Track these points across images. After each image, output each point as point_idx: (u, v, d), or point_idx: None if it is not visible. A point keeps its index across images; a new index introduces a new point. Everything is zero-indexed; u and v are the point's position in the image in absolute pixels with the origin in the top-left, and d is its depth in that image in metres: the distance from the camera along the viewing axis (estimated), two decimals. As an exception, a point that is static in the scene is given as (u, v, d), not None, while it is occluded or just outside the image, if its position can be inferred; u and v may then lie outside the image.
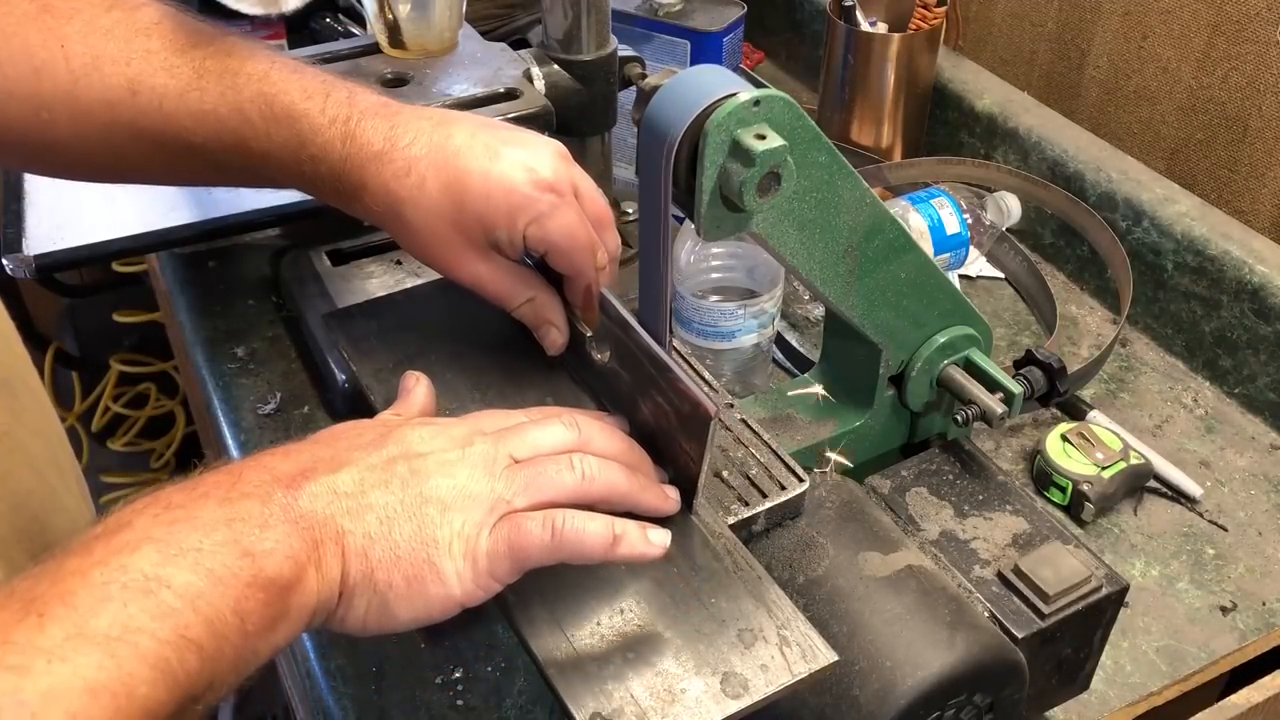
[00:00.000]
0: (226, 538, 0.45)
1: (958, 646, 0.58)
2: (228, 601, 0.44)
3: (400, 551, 0.50)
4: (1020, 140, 1.11)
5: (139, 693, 0.40)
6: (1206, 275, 0.96)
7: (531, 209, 0.63)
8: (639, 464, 0.58)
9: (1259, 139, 0.99)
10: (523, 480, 0.52)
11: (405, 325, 0.71)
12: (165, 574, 0.43)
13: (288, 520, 0.47)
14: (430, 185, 0.63)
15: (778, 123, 0.57)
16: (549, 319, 0.67)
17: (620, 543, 0.52)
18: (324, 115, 0.65)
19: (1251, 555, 0.83)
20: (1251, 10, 0.96)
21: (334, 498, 0.49)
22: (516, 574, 0.52)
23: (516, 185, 0.63)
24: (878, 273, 0.67)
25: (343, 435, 0.53)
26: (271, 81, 0.65)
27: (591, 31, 0.89)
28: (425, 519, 0.50)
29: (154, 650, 0.41)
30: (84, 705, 0.39)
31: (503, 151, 0.64)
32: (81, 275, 2.02)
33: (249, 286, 1.02)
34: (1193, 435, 0.93)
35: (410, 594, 0.50)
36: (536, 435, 0.55)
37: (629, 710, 0.50)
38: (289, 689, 1.00)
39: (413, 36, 0.92)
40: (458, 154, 0.64)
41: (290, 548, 0.47)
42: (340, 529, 0.49)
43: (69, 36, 0.64)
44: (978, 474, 0.71)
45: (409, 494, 0.51)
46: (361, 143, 0.64)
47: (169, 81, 0.65)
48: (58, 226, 0.89)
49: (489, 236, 0.64)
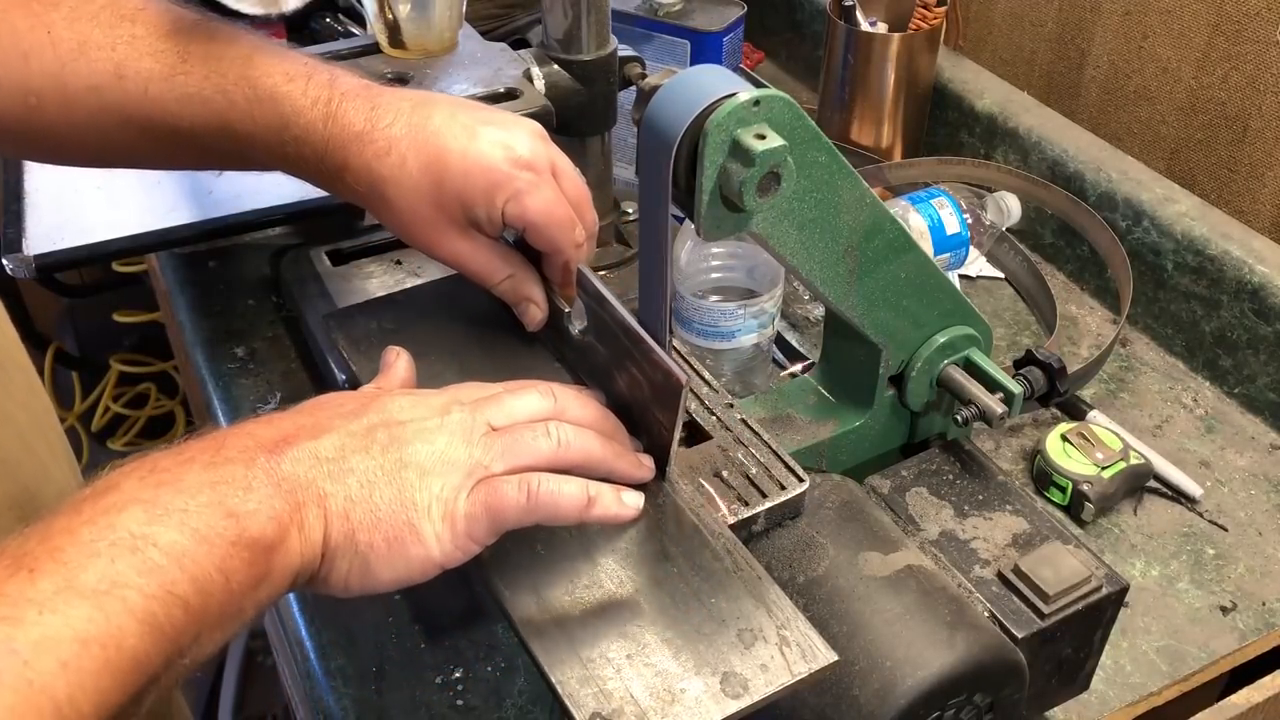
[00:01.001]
0: (211, 499, 0.46)
1: (958, 646, 0.58)
2: (213, 560, 0.45)
3: (381, 514, 0.51)
4: (1020, 140, 1.11)
5: (127, 644, 0.42)
6: (1206, 275, 0.96)
7: (509, 186, 0.65)
8: (613, 432, 0.60)
9: (1259, 139, 0.99)
10: (500, 446, 0.54)
11: (405, 325, 0.71)
12: (151, 533, 0.44)
13: (270, 483, 0.49)
14: (411, 164, 0.65)
15: (778, 123, 0.57)
16: (528, 295, 0.68)
17: (595, 504, 0.54)
18: (306, 97, 0.66)
19: (1251, 555, 0.83)
20: (1251, 10, 0.96)
21: (316, 462, 0.51)
22: (494, 535, 0.53)
23: (495, 163, 0.64)
24: (878, 273, 0.67)
25: (325, 405, 0.55)
26: (255, 64, 0.67)
27: (591, 31, 0.89)
28: (405, 483, 0.52)
29: (141, 605, 0.42)
30: (74, 654, 0.40)
31: (481, 131, 0.65)
32: (81, 275, 2.02)
33: (249, 286, 1.02)
34: (1193, 435, 0.93)
35: (391, 555, 0.51)
36: (513, 404, 0.57)
37: (629, 710, 0.49)
38: (289, 689, 1.00)
39: (413, 36, 0.92)
40: (437, 134, 0.65)
41: (273, 509, 0.48)
42: (322, 491, 0.50)
43: (55, 23, 0.65)
44: (978, 474, 0.71)
45: (389, 459, 0.52)
46: (343, 123, 0.66)
47: (154, 66, 0.66)
48: (58, 226, 0.89)
49: (468, 214, 0.66)
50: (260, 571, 0.47)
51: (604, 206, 0.98)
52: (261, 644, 1.59)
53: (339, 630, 0.75)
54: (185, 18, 0.68)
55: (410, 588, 0.51)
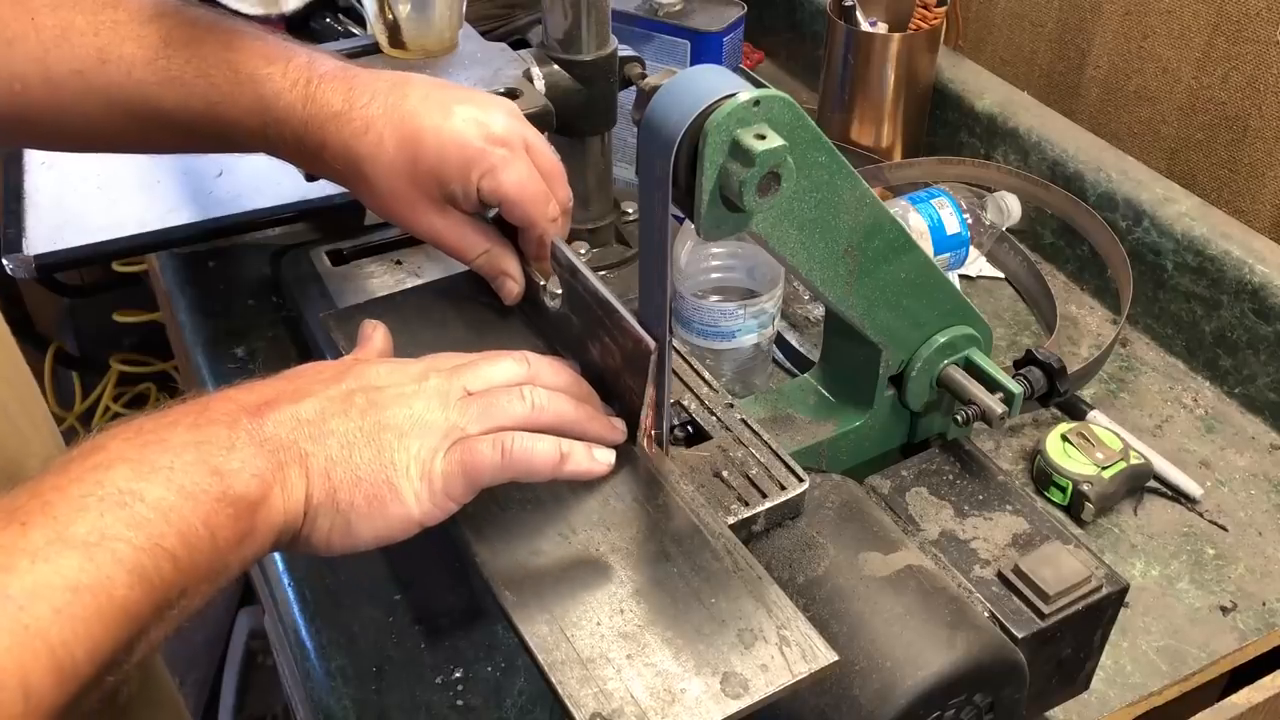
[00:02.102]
0: (196, 458, 0.48)
1: (958, 646, 0.58)
2: (199, 515, 0.46)
3: (361, 474, 0.52)
4: (1020, 140, 1.11)
5: (118, 594, 0.43)
6: (1206, 275, 0.96)
7: (484, 162, 0.66)
8: (587, 397, 0.62)
9: (1259, 139, 0.99)
10: (476, 410, 0.55)
11: (405, 325, 0.71)
12: (139, 488, 0.45)
13: (253, 443, 0.50)
14: (388, 142, 0.67)
15: (778, 123, 0.57)
16: (504, 270, 0.70)
17: (567, 460, 0.56)
18: (285, 79, 0.68)
19: (1251, 555, 0.83)
20: (1251, 10, 0.96)
21: (297, 424, 0.52)
22: (471, 493, 0.55)
23: (469, 140, 0.66)
24: (878, 273, 0.67)
25: (304, 373, 0.56)
26: (235, 48, 0.68)
27: (591, 31, 0.89)
28: (383, 444, 0.53)
29: (130, 556, 0.44)
30: (67, 602, 0.41)
31: (456, 109, 0.67)
32: (81, 275, 2.02)
33: (249, 286, 1.02)
34: (1193, 435, 0.93)
35: (371, 513, 0.52)
36: (489, 370, 0.58)
37: (629, 710, 0.49)
38: (289, 689, 1.00)
39: (413, 36, 0.92)
40: (413, 113, 0.67)
41: (256, 467, 0.49)
42: (303, 451, 0.51)
43: (38, 9, 0.66)
44: (978, 474, 0.71)
45: (367, 422, 0.53)
46: (321, 104, 0.67)
47: (137, 50, 0.67)
48: (58, 226, 0.89)
49: (444, 190, 0.67)
50: (245, 527, 0.48)
51: (604, 206, 0.98)
52: (261, 644, 1.59)
53: (339, 630, 0.75)
54: (167, 3, 0.69)
55: (409, 588, 0.52)
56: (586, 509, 0.59)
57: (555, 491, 0.60)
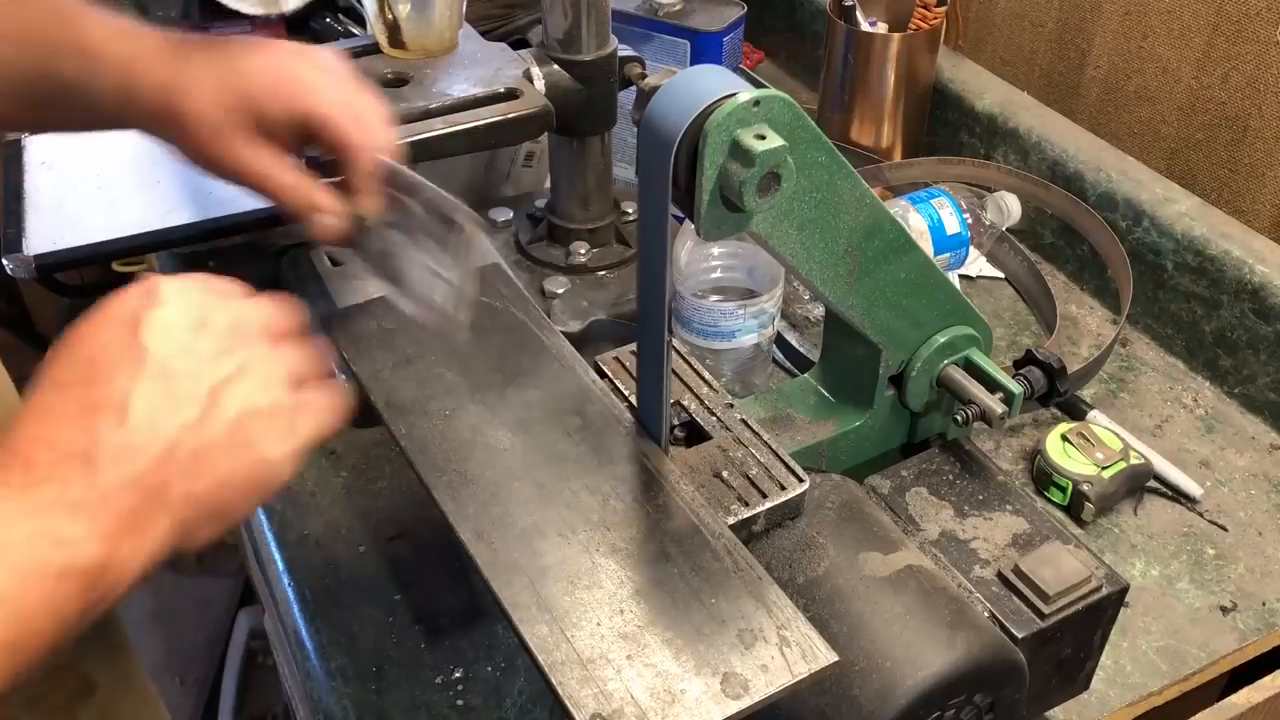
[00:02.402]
0: (34, 530, 0.44)
1: (958, 646, 0.58)
2: (38, 597, 0.44)
3: (219, 469, 0.50)
4: (1020, 140, 1.11)
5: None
6: (1206, 275, 0.96)
7: (300, 82, 0.66)
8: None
9: (1259, 139, 0.99)
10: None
11: (405, 325, 0.71)
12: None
13: (95, 498, 0.46)
14: (206, 76, 0.65)
15: (778, 123, 0.57)
16: (316, 204, 0.68)
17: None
18: (111, 26, 0.66)
19: (1251, 555, 0.83)
20: (1251, 10, 0.96)
21: (131, 454, 0.47)
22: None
23: (286, 62, 0.67)
24: (877, 273, 0.67)
25: (88, 364, 0.52)
26: (68, 18, 0.66)
27: (591, 31, 0.89)
28: (231, 429, 0.50)
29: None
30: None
31: (277, 47, 0.68)
32: (81, 275, 2.02)
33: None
34: (1193, 435, 0.93)
35: (249, 500, 0.51)
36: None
37: (629, 710, 0.49)
38: (289, 689, 1.00)
39: (413, 36, 0.92)
40: (236, 52, 0.67)
41: (103, 527, 0.46)
42: (155, 484, 0.48)
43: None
44: (978, 474, 0.71)
45: (204, 418, 0.50)
46: (145, 43, 0.66)
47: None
48: (58, 226, 0.89)
49: (261, 119, 0.66)
50: (95, 596, 0.46)
51: (604, 206, 0.98)
52: (261, 644, 1.59)
53: (339, 630, 0.75)
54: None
55: (409, 588, 0.51)
56: (586, 509, 0.59)
57: (556, 491, 0.60)
